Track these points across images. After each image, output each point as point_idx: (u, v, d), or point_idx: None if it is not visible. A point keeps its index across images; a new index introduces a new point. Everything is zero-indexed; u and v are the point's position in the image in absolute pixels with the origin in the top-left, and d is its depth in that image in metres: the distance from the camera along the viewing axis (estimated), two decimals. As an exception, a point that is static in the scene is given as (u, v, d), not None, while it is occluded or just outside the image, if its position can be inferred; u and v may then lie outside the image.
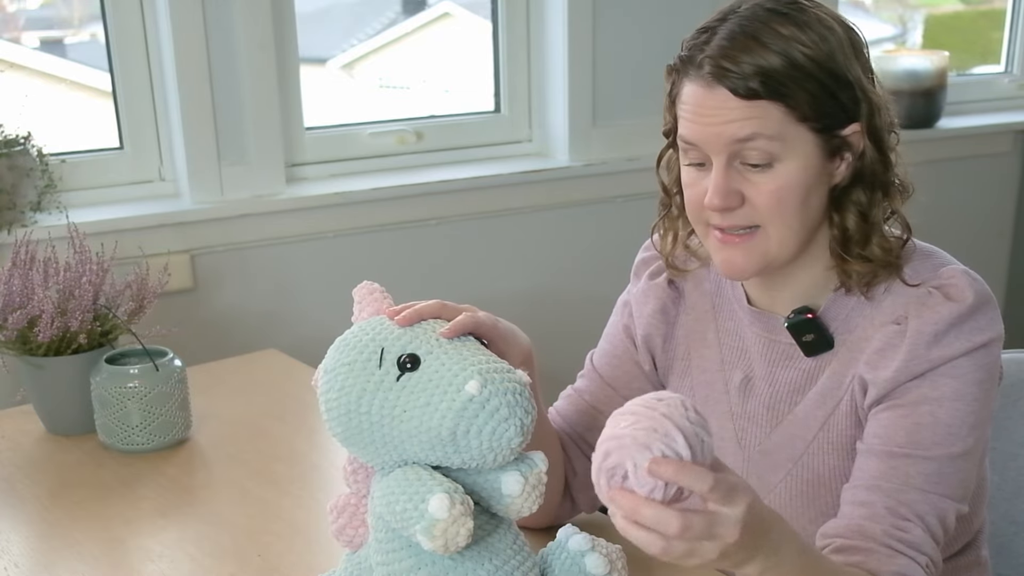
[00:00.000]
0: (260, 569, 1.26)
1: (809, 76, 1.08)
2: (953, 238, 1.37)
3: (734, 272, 1.16)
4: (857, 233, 1.14)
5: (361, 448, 1.00)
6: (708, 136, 1.10)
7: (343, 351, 1.01)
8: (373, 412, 0.97)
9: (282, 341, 2.15)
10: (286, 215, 2.25)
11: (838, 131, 1.11)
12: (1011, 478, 1.44)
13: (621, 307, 1.38)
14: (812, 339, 1.18)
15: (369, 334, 1.00)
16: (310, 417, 1.73)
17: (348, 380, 0.98)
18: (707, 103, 1.09)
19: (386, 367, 0.97)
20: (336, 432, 1.01)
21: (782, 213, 1.11)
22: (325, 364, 1.02)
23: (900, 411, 1.10)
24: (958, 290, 1.11)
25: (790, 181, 1.10)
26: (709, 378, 1.28)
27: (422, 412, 0.94)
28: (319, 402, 1.02)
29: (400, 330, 0.99)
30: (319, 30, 2.52)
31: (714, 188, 1.11)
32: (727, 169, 1.10)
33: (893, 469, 1.09)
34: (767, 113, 1.08)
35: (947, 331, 1.10)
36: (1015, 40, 3.24)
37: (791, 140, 1.09)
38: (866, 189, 1.13)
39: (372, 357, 0.98)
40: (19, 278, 1.59)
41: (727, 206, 1.11)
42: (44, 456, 1.60)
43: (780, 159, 1.09)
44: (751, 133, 1.08)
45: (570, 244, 2.58)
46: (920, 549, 1.06)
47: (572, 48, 2.45)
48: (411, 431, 0.95)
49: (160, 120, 2.19)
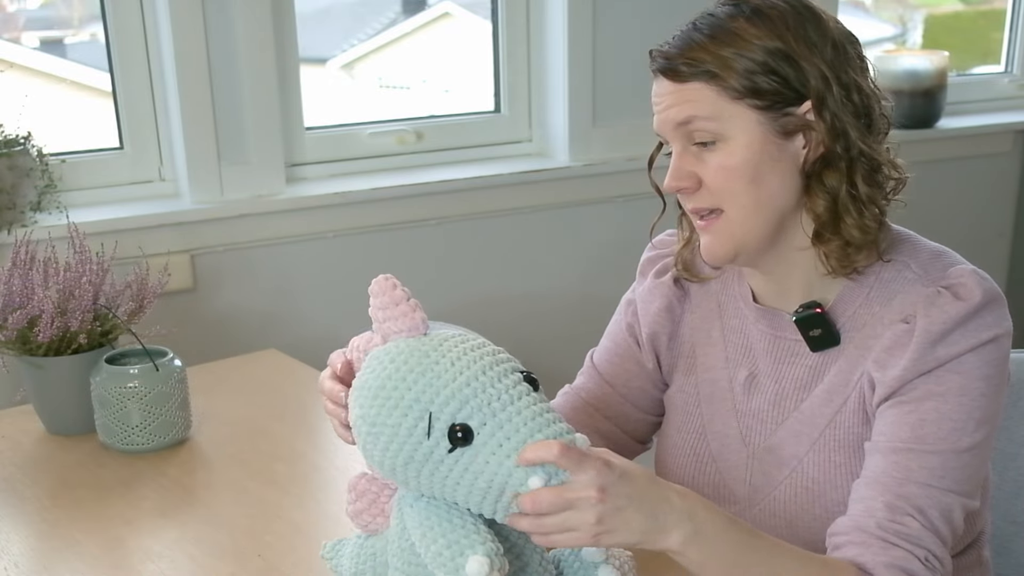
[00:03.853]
0: (260, 569, 1.26)
1: (738, 54, 1.10)
2: (953, 238, 1.37)
3: (709, 256, 1.18)
4: (826, 214, 1.14)
5: (402, 486, 0.97)
6: (659, 124, 1.16)
7: (385, 407, 0.92)
8: (422, 478, 0.92)
9: (282, 341, 2.15)
10: (286, 215, 2.25)
11: (789, 109, 1.11)
12: (1011, 478, 1.44)
13: (625, 305, 1.38)
14: (819, 334, 1.18)
15: (413, 391, 0.91)
16: (310, 417, 1.73)
17: (394, 444, 0.92)
18: (656, 92, 1.16)
19: (435, 438, 0.91)
20: (375, 470, 0.98)
21: (732, 191, 1.13)
22: (364, 412, 0.94)
23: (906, 407, 1.11)
24: (967, 289, 1.11)
25: (735, 159, 1.12)
26: (714, 375, 1.28)
27: (477, 491, 0.91)
28: (358, 444, 0.97)
29: (447, 387, 0.91)
30: (319, 30, 2.52)
31: (669, 171, 1.16)
32: (683, 153, 1.15)
33: (895, 464, 1.09)
34: (700, 95, 1.12)
35: (954, 329, 1.10)
36: (1015, 40, 3.24)
37: (729, 119, 1.12)
38: (834, 170, 1.13)
39: (419, 424, 0.91)
40: (19, 278, 1.59)
41: (680, 187, 1.15)
42: (44, 456, 1.60)
43: (723, 138, 1.12)
44: (688, 116, 1.13)
45: (570, 244, 2.58)
46: (918, 542, 1.05)
47: (572, 48, 2.45)
48: (462, 498, 0.92)
49: (160, 120, 2.19)
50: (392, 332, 0.97)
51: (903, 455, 1.09)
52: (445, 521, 0.92)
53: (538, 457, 0.89)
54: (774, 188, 1.13)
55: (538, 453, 0.89)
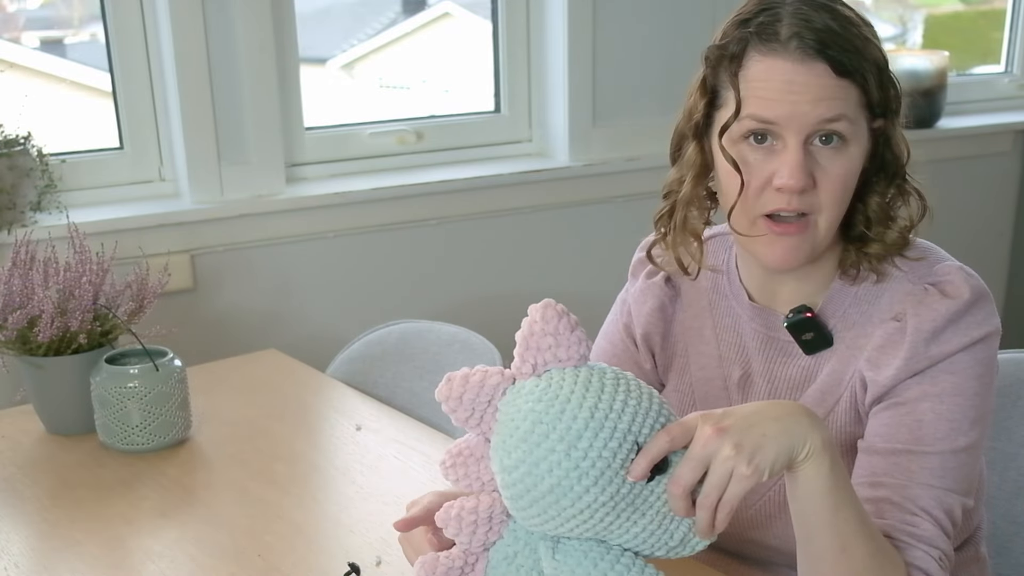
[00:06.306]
0: (260, 569, 1.26)
1: (876, 64, 1.09)
2: (953, 238, 1.37)
3: (787, 262, 1.13)
4: (879, 214, 1.14)
5: (560, 527, 0.90)
6: (794, 114, 1.06)
7: (599, 437, 0.86)
8: (607, 517, 0.88)
9: (282, 341, 2.15)
10: (286, 215, 2.25)
11: (874, 122, 1.12)
12: (1011, 478, 1.44)
13: (620, 305, 1.38)
14: (812, 337, 1.18)
15: (624, 420, 0.87)
16: (310, 417, 1.73)
17: (604, 478, 0.86)
18: (798, 79, 1.06)
19: None
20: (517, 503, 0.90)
21: (839, 199, 1.11)
22: (571, 445, 0.86)
23: (902, 409, 1.11)
24: (954, 287, 1.12)
25: (854, 167, 1.10)
26: (708, 375, 1.29)
27: (660, 519, 0.90)
28: (536, 489, 0.87)
29: (648, 415, 0.89)
30: (319, 30, 2.52)
31: (793, 167, 1.07)
32: (800, 149, 1.07)
33: (896, 466, 1.09)
34: (849, 94, 1.08)
35: (945, 328, 1.10)
36: (1015, 40, 3.24)
37: (859, 125, 1.10)
38: (884, 176, 1.15)
39: (630, 455, 0.87)
40: (19, 278, 1.59)
41: (804, 186, 1.08)
42: (44, 456, 1.60)
43: (851, 143, 1.09)
44: (839, 113, 1.07)
45: (570, 244, 2.58)
46: (933, 543, 1.06)
47: (572, 48, 2.45)
48: (637, 531, 0.90)
49: (160, 120, 2.19)
50: (556, 361, 0.90)
51: (903, 456, 1.09)
52: (613, 563, 0.89)
53: (658, 452, 0.87)
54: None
55: (652, 452, 0.87)
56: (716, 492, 0.88)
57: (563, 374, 0.89)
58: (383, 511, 1.39)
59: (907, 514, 1.07)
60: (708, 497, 0.88)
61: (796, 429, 0.92)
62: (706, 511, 0.89)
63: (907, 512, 1.07)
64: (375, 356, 1.91)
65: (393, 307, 2.29)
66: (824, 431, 0.94)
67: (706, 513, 0.89)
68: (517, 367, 0.91)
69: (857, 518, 0.97)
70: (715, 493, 0.88)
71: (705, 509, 0.89)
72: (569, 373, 0.89)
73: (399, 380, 1.88)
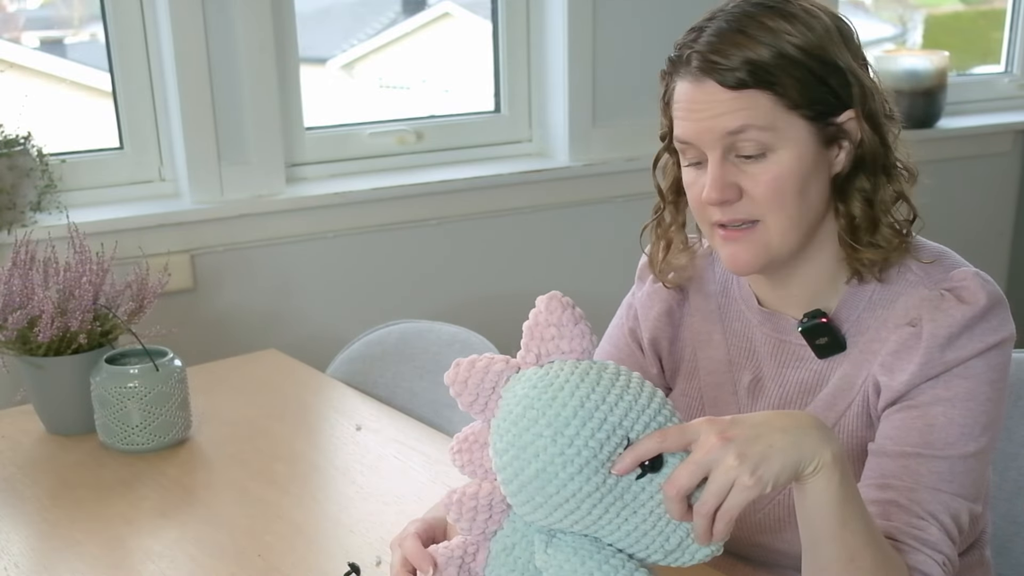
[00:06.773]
0: (260, 569, 1.26)
1: (796, 63, 1.08)
2: (953, 238, 1.37)
3: (739, 267, 1.16)
4: (864, 220, 1.14)
5: (549, 518, 0.90)
6: (700, 131, 1.10)
7: (587, 427, 0.86)
8: (594, 509, 0.88)
9: (282, 341, 2.15)
10: (286, 215, 2.25)
11: (832, 119, 1.11)
12: (1011, 478, 1.44)
13: (626, 309, 1.37)
14: (826, 342, 1.18)
15: (615, 413, 0.87)
16: (310, 417, 1.73)
17: (588, 468, 0.86)
18: (697, 98, 1.10)
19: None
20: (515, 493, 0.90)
21: (781, 203, 1.11)
22: (557, 431, 0.86)
23: (914, 412, 1.10)
24: (970, 292, 1.11)
25: (786, 170, 1.10)
26: (717, 379, 1.28)
27: (652, 520, 0.89)
28: (525, 470, 0.88)
29: (644, 412, 0.88)
30: (319, 30, 2.52)
31: (711, 182, 1.10)
32: (723, 163, 1.10)
33: (905, 468, 1.09)
34: (756, 103, 1.08)
35: (960, 334, 1.10)
36: (1015, 40, 3.24)
37: (783, 129, 1.09)
38: (869, 175, 1.13)
39: (618, 449, 0.87)
40: (19, 278, 1.59)
41: (724, 199, 1.10)
42: (44, 456, 1.60)
43: (774, 149, 1.09)
44: (742, 124, 1.08)
45: (570, 244, 2.58)
46: (937, 548, 1.05)
47: (572, 48, 2.45)
48: (627, 531, 0.89)
49: (160, 120, 2.19)
50: (559, 352, 0.91)
51: (912, 460, 1.09)
52: (601, 563, 0.89)
53: (646, 450, 0.86)
54: (813, 198, 1.12)
55: (640, 450, 0.87)
56: (715, 500, 0.88)
57: (564, 365, 0.90)
58: (383, 511, 1.39)
59: (914, 517, 1.06)
60: (705, 504, 0.88)
61: (805, 442, 0.91)
62: (703, 518, 0.88)
63: (914, 515, 1.06)
64: (375, 356, 1.91)
65: (393, 307, 2.29)
66: (835, 444, 0.93)
67: (703, 520, 0.88)
68: (522, 356, 0.93)
69: (865, 530, 0.96)
70: (713, 500, 0.88)
71: (702, 516, 0.88)
72: (570, 364, 0.90)
73: (399, 380, 1.88)
